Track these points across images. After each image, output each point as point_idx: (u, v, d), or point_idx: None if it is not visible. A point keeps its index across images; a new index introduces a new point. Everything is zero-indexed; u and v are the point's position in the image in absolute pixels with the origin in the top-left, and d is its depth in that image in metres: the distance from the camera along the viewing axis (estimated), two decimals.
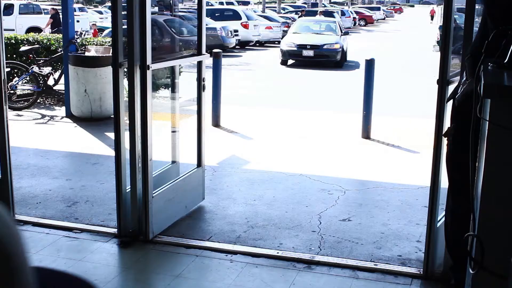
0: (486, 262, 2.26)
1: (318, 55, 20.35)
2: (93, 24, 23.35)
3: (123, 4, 4.63)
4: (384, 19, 64.77)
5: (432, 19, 53.20)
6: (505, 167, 2.22)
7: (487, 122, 2.26)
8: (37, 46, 11.06)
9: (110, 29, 5.02)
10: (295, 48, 20.52)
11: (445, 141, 3.85)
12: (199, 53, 5.41)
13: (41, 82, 10.53)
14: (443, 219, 4.04)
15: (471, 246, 2.45)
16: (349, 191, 6.21)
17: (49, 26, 21.11)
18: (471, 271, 2.36)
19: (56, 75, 11.12)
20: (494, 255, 2.25)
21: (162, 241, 4.80)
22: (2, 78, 4.92)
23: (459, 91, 3.67)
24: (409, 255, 4.65)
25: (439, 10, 46.42)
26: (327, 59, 20.32)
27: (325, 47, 20.42)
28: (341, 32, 22.63)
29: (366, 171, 7.05)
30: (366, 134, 8.69)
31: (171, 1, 9.03)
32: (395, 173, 6.91)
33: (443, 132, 3.91)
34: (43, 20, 28.60)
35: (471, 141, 2.53)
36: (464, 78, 3.66)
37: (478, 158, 2.64)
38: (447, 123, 3.91)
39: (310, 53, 20.35)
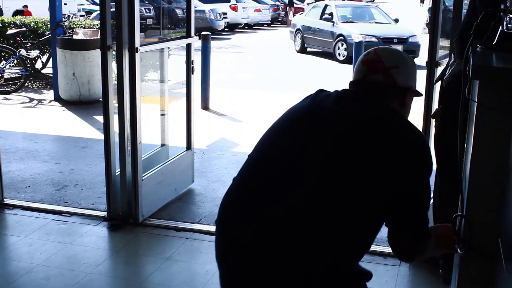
0: (475, 242, 2.27)
1: (406, 51, 15.24)
2: (24, 6, 23.09)
3: None
4: (373, 1, 64.71)
5: (422, 1, 52.84)
6: (493, 148, 2.23)
7: (476, 103, 2.27)
8: (24, 29, 10.99)
9: (98, 11, 4.99)
10: (378, 41, 16.35)
11: (433, 122, 3.87)
12: (188, 35, 5.39)
13: (28, 65, 10.46)
14: (432, 200, 4.06)
15: (459, 226, 2.47)
16: None
17: None
18: (460, 251, 2.38)
19: (44, 58, 11.06)
20: (482, 235, 2.27)
21: (152, 224, 4.81)
22: None
23: (447, 72, 3.68)
24: None
25: None
26: (413, 55, 16.15)
27: (410, 40, 16.98)
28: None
29: None
30: None
31: None
32: None
33: (432, 113, 3.92)
34: (30, 3, 28.30)
35: (460, 122, 2.54)
36: (452, 60, 3.67)
37: (466, 139, 2.65)
38: (435, 105, 3.92)
39: (398, 48, 15.31)
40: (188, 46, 5.42)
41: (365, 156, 2.03)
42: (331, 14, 18.59)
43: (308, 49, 19.36)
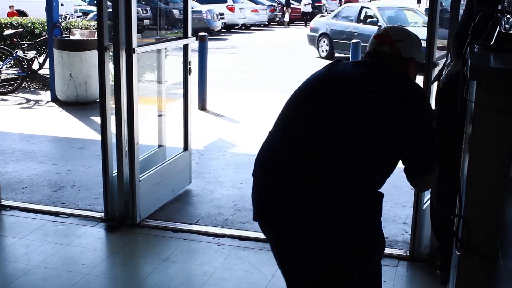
0: (472, 243, 2.27)
1: None
2: (10, 6, 23.10)
3: None
4: (370, 1, 64.64)
5: (418, 2, 52.40)
6: (491, 149, 2.23)
7: (473, 103, 2.27)
8: (21, 30, 10.97)
9: (95, 12, 4.99)
10: None
11: None
12: (185, 36, 5.38)
13: (25, 66, 10.44)
14: (429, 201, 4.06)
15: (457, 227, 2.47)
16: None
17: None
18: (457, 252, 2.38)
19: (41, 59, 11.03)
20: (480, 236, 2.27)
21: (149, 225, 4.80)
22: None
23: (443, 72, 3.68)
24: (396, 237, 4.67)
25: None
26: None
27: None
28: None
29: None
30: None
31: None
32: None
33: None
34: (27, 4, 28.23)
35: (458, 123, 2.54)
36: (449, 60, 3.67)
37: (464, 139, 2.65)
38: (432, 105, 3.92)
39: None
40: (185, 47, 5.41)
41: (374, 111, 2.41)
42: (371, 17, 17.25)
43: (336, 55, 17.44)
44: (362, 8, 18.00)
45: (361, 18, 17.50)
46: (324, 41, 18.16)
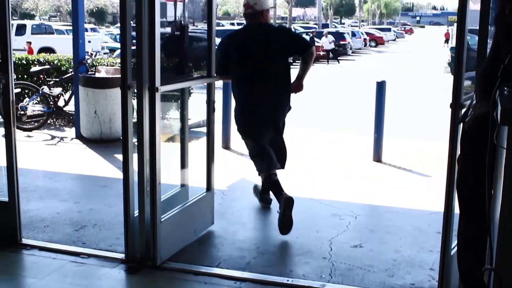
0: None
1: None
2: (27, 42, 23.45)
3: (132, 25, 4.58)
4: (394, 40, 64.83)
5: (446, 42, 51.96)
6: None
7: (505, 150, 2.18)
8: (48, 67, 11.11)
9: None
10: None
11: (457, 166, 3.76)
12: (209, 75, 5.36)
13: (51, 103, 10.54)
14: (456, 248, 3.93)
15: (489, 279, 2.36)
16: (360, 216, 6.11)
17: None
18: None
19: (67, 96, 11.12)
20: None
21: (170, 267, 4.72)
22: (11, 99, 4.90)
23: (468, 114, 3.58)
24: (422, 283, 4.54)
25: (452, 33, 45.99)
26: None
27: None
28: None
29: (377, 196, 6.94)
30: (377, 157, 8.59)
31: (182, 22, 9.00)
32: (407, 198, 6.81)
33: (457, 156, 3.82)
34: (55, 41, 28.72)
35: (488, 169, 2.45)
36: (474, 102, 3.57)
37: (494, 186, 2.55)
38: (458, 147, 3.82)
39: None
40: (209, 85, 5.39)
41: (275, 42, 5.75)
42: None
43: None
44: None
45: None
46: None
